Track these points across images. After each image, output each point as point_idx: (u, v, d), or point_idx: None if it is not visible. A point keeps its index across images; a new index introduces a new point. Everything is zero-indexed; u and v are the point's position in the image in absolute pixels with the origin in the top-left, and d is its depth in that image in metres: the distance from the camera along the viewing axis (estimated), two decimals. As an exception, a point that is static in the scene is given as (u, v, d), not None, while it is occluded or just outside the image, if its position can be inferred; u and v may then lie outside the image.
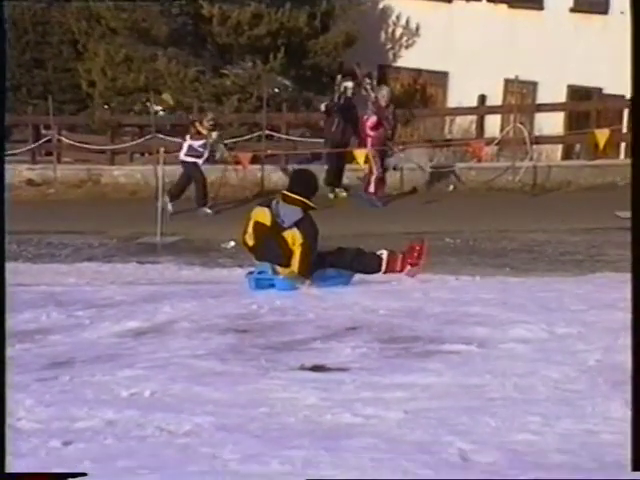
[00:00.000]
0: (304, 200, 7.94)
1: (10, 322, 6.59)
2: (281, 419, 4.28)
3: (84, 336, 6.30)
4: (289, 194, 7.97)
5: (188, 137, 16.16)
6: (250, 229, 8.00)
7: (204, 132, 16.13)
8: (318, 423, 4.22)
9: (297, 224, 7.86)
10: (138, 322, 6.68)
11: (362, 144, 15.97)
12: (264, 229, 7.89)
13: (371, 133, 15.71)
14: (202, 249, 13.39)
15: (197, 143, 15.97)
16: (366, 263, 8.28)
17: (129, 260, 12.07)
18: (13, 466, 3.42)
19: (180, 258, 12.54)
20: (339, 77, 16.99)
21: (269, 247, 7.89)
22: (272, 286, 7.86)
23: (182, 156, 16.12)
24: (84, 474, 3.20)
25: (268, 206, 7.95)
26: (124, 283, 9.44)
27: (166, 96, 17.83)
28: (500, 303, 7.02)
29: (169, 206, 15.55)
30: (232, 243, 13.47)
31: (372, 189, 15.78)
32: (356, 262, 8.23)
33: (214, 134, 16.25)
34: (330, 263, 8.16)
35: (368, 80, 16.95)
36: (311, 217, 7.99)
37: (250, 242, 8.06)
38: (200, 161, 16.01)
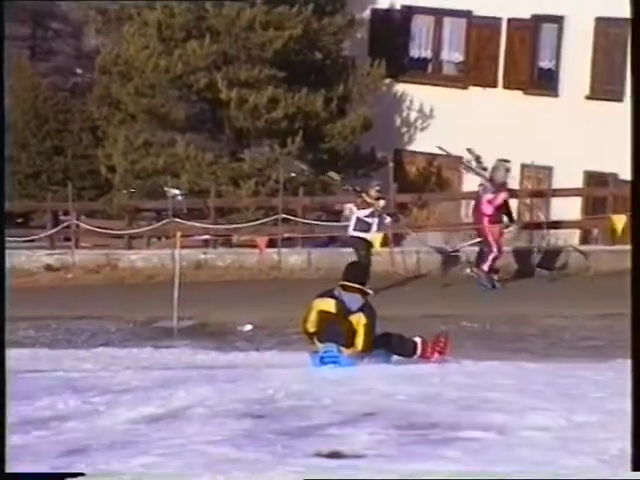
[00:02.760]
0: (362, 288, 9.12)
1: (27, 409, 6.60)
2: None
3: (99, 423, 6.26)
4: (348, 284, 9.04)
5: (355, 209, 15.58)
6: (313, 317, 9.07)
7: (371, 202, 15.42)
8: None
9: (362, 309, 8.95)
10: (153, 408, 6.64)
11: (477, 222, 15.61)
12: (329, 316, 8.98)
13: (489, 212, 15.42)
14: (218, 333, 13.37)
15: (364, 213, 15.34)
16: (406, 347, 9.31)
17: (145, 345, 12.06)
18: None
19: (196, 342, 12.51)
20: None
21: (334, 331, 8.94)
22: (336, 363, 8.89)
23: (351, 231, 15.56)
24: (82, 474, 3.14)
25: (331, 296, 9.01)
26: (140, 368, 9.41)
27: (332, 174, 17.48)
28: (518, 389, 6.95)
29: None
30: (249, 326, 13.46)
31: (486, 267, 15.25)
32: (398, 346, 9.26)
33: (381, 202, 15.55)
34: (378, 345, 9.17)
35: (475, 157, 16.56)
36: (369, 302, 9.11)
37: (312, 329, 9.13)
38: (369, 235, 15.39)
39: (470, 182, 20.40)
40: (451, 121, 20.33)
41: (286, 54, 19.57)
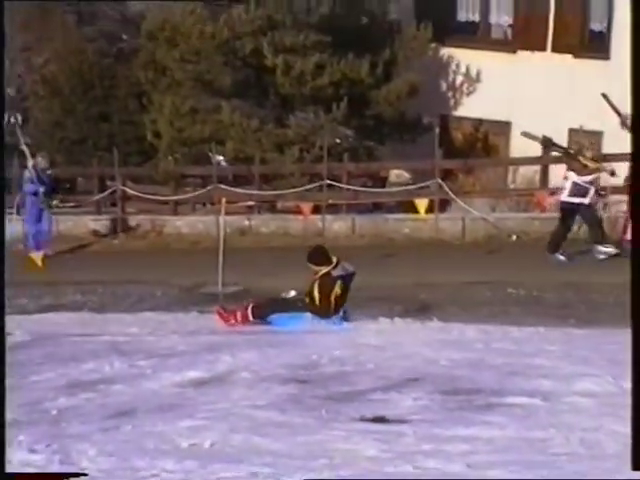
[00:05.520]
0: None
1: (74, 372, 6.68)
2: (341, 471, 4.23)
3: (146, 386, 6.32)
4: (334, 261, 10.48)
5: (572, 174, 14.37)
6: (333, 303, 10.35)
7: (591, 165, 14.26)
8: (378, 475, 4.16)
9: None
10: (199, 372, 6.69)
11: None
12: (341, 293, 10.40)
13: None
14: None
15: (586, 179, 14.27)
16: None
17: (191, 310, 12.12)
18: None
19: (241, 308, 12.51)
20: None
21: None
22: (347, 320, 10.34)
23: (565, 197, 14.44)
24: (85, 474, 3.16)
25: (337, 279, 10.40)
26: (186, 333, 9.47)
27: (526, 132, 16.11)
28: (564, 355, 6.90)
29: (561, 257, 14.38)
30: (292, 292, 13.45)
31: (629, 236, 14.44)
32: None
33: (604, 165, 14.42)
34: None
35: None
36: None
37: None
38: (586, 201, 14.31)
39: (516, 148, 20.21)
40: (498, 86, 20.10)
41: (332, 19, 19.46)
